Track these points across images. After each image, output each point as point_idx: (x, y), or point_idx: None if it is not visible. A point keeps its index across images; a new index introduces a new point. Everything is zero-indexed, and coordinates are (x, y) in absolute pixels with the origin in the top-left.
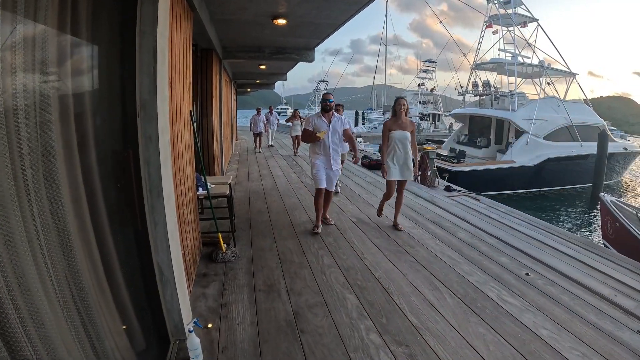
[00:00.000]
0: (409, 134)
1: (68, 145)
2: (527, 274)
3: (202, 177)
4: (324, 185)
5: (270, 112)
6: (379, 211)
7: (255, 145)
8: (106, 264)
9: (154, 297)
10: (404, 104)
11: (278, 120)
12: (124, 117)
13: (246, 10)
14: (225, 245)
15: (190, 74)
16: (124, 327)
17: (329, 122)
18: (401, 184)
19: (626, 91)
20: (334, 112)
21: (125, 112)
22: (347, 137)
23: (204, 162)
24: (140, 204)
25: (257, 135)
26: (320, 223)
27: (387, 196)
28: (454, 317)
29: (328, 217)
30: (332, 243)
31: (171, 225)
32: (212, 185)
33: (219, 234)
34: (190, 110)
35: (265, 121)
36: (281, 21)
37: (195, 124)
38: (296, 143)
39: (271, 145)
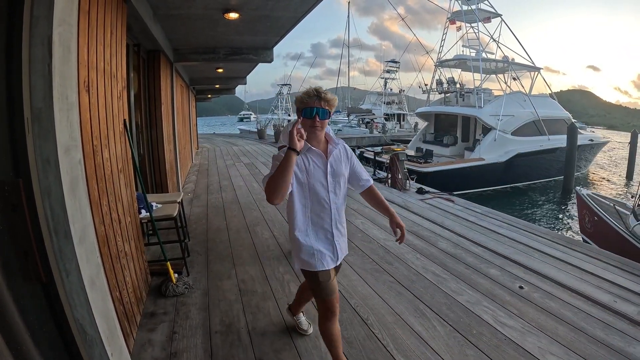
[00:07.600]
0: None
1: None
2: (520, 287)
3: (145, 197)
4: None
5: (300, 118)
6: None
7: None
8: (5, 330)
9: None
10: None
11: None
12: (12, 134)
13: (193, 2)
14: (176, 275)
15: (123, 77)
16: None
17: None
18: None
19: (582, 84)
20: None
21: (14, 128)
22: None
23: (154, 178)
24: (42, 250)
25: None
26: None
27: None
28: (448, 351)
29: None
30: None
31: (90, 270)
32: (159, 205)
33: (168, 262)
34: (125, 120)
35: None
36: (233, 15)
37: (134, 135)
38: None
39: None
